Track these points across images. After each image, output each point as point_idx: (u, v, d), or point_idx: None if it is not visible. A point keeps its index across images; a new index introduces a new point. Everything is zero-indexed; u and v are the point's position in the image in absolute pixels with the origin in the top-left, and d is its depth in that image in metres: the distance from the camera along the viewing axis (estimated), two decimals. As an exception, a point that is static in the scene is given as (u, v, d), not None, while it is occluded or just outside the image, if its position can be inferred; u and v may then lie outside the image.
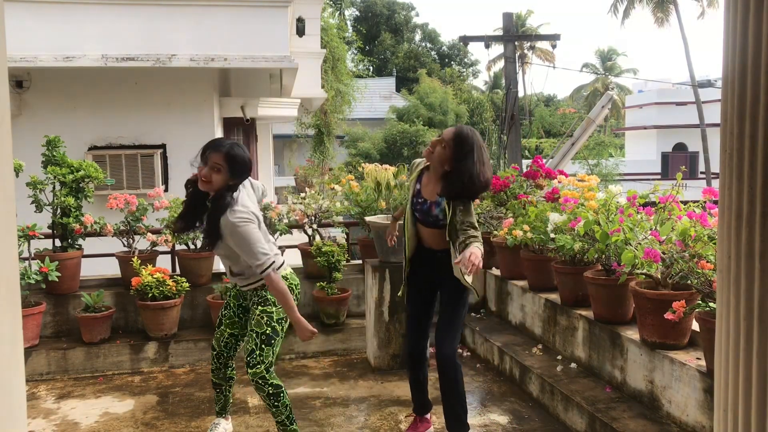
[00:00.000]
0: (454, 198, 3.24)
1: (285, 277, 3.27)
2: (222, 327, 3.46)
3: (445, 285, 3.44)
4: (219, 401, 3.64)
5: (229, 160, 3.09)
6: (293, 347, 5.09)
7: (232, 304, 3.46)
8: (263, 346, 3.22)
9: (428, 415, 3.71)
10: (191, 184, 3.26)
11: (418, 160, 3.54)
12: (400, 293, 3.61)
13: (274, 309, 3.26)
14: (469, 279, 3.26)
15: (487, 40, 16.71)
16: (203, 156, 3.15)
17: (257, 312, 3.27)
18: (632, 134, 35.04)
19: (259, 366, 3.19)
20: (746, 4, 1.55)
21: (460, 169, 3.19)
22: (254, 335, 3.23)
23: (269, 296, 3.26)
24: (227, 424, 3.69)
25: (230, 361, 3.52)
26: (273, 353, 3.25)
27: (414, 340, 3.55)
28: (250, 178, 3.34)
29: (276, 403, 3.24)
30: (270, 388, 3.22)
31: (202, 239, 3.27)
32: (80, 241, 5.22)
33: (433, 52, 43.16)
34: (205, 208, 3.20)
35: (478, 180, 3.20)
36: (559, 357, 4.29)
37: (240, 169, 3.14)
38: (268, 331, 3.23)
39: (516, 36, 18.24)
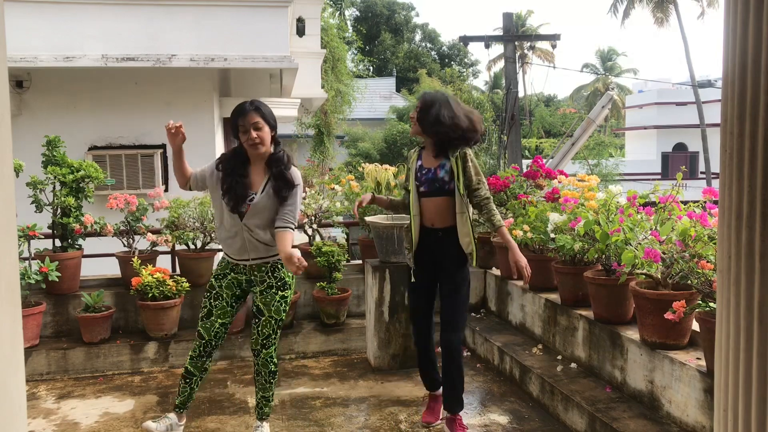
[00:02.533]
0: (448, 142, 3.52)
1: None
2: (212, 318, 3.41)
3: (447, 267, 3.58)
4: (184, 393, 3.49)
5: (263, 115, 3.29)
6: (293, 347, 5.09)
7: (225, 295, 3.42)
8: (278, 330, 3.46)
9: (440, 391, 3.77)
10: (230, 158, 3.36)
11: (412, 151, 3.77)
12: (413, 279, 3.71)
13: (289, 293, 3.46)
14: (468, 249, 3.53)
15: (487, 40, 16.70)
16: (236, 125, 3.30)
17: (277, 298, 3.40)
18: (632, 134, 35.04)
19: (272, 347, 3.46)
20: (746, 4, 1.55)
21: (439, 122, 3.48)
22: (273, 322, 3.41)
23: (287, 278, 3.44)
24: (179, 424, 3.52)
25: (215, 350, 3.51)
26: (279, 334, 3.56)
27: (424, 324, 3.71)
28: None
29: (272, 380, 3.52)
30: (273, 366, 3.50)
31: (276, 192, 3.31)
32: (80, 241, 5.22)
33: (433, 52, 43.14)
34: (244, 179, 3.32)
35: (460, 121, 3.49)
36: (559, 357, 4.29)
37: (273, 119, 3.36)
38: (283, 317, 3.45)
39: (516, 36, 18.24)
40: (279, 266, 3.41)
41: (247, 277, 3.43)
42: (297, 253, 3.13)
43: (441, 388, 3.75)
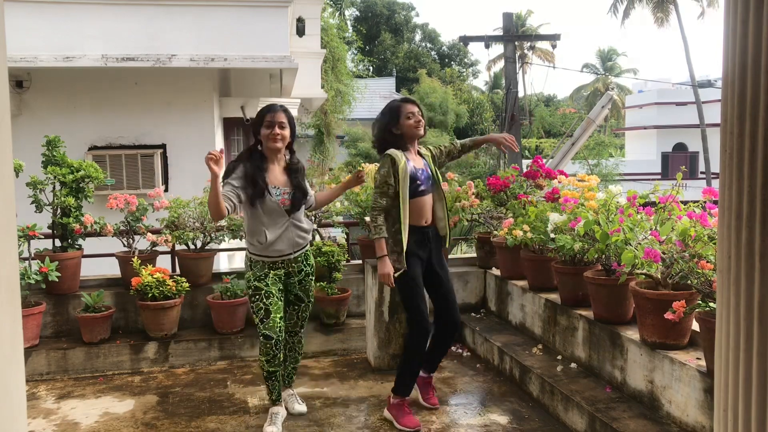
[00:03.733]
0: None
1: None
2: (272, 315, 3.57)
3: (437, 254, 3.88)
4: (275, 388, 3.78)
5: (289, 119, 3.58)
6: (293, 347, 5.09)
7: (274, 291, 3.60)
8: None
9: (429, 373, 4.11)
10: (248, 157, 3.59)
11: (393, 153, 3.72)
12: (397, 274, 3.73)
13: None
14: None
15: (487, 40, 16.71)
16: (260, 120, 3.55)
17: (313, 284, 3.84)
18: (632, 134, 35.06)
19: (304, 327, 3.91)
20: (746, 4, 1.55)
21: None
22: (311, 305, 3.86)
23: (313, 262, 3.86)
24: (284, 411, 3.88)
25: (282, 342, 3.72)
26: None
27: (426, 311, 3.82)
28: None
29: (302, 352, 4.01)
30: (303, 340, 3.99)
31: (293, 199, 3.61)
32: (80, 241, 5.22)
33: (433, 52, 43.15)
34: (261, 177, 3.53)
35: None
36: (559, 357, 4.29)
37: (295, 128, 3.65)
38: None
39: (516, 36, 18.25)
40: (309, 253, 3.78)
41: (286, 270, 3.69)
42: None
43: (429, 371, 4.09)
